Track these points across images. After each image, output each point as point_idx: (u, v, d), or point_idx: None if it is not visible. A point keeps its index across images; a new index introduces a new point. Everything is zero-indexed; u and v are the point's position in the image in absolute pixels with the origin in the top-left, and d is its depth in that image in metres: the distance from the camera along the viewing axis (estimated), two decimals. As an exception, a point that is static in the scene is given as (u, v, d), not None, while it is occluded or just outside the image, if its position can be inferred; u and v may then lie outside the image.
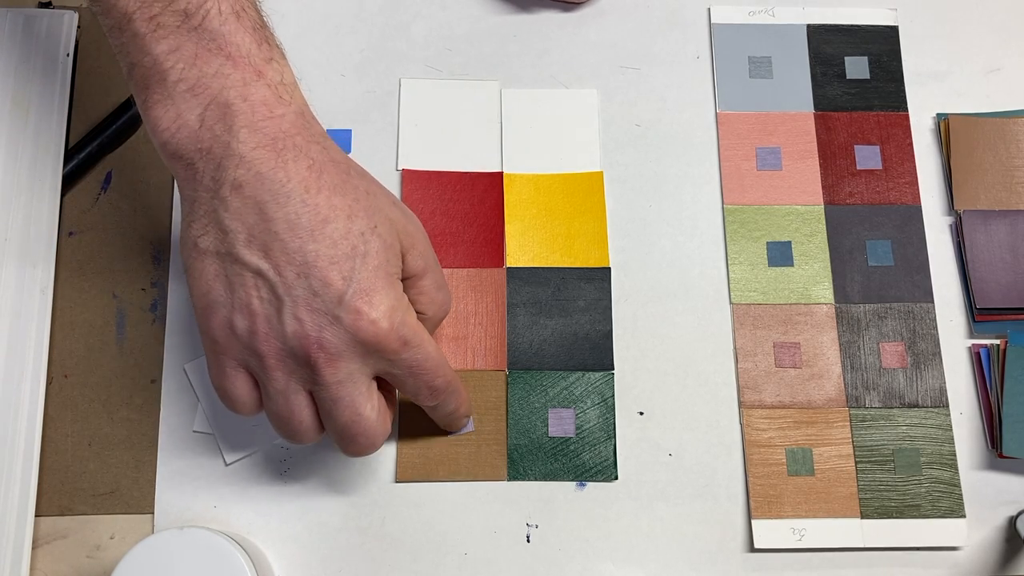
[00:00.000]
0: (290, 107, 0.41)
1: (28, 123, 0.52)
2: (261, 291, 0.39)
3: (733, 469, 0.49)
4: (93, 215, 0.52)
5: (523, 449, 0.49)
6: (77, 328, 0.50)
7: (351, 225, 0.40)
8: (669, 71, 0.56)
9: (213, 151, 0.39)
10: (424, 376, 0.42)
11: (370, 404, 0.41)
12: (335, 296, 0.39)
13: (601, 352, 0.51)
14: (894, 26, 0.57)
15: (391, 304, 0.40)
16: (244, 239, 0.39)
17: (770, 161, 0.54)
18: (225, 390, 0.41)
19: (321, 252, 0.39)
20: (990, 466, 0.49)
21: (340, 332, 0.39)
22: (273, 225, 0.39)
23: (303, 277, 0.39)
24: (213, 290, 0.40)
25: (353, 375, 0.40)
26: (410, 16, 0.57)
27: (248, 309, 0.39)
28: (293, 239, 0.39)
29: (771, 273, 0.52)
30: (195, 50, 0.39)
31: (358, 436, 0.41)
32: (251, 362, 0.40)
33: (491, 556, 0.48)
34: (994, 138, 0.54)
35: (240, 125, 0.39)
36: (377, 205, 0.41)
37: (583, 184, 0.54)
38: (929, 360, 0.51)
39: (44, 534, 0.47)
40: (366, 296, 0.39)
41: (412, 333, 0.40)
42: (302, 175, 0.39)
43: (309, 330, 0.39)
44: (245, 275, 0.39)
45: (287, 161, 0.39)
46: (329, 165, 0.40)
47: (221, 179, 0.39)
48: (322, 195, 0.39)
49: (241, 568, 0.41)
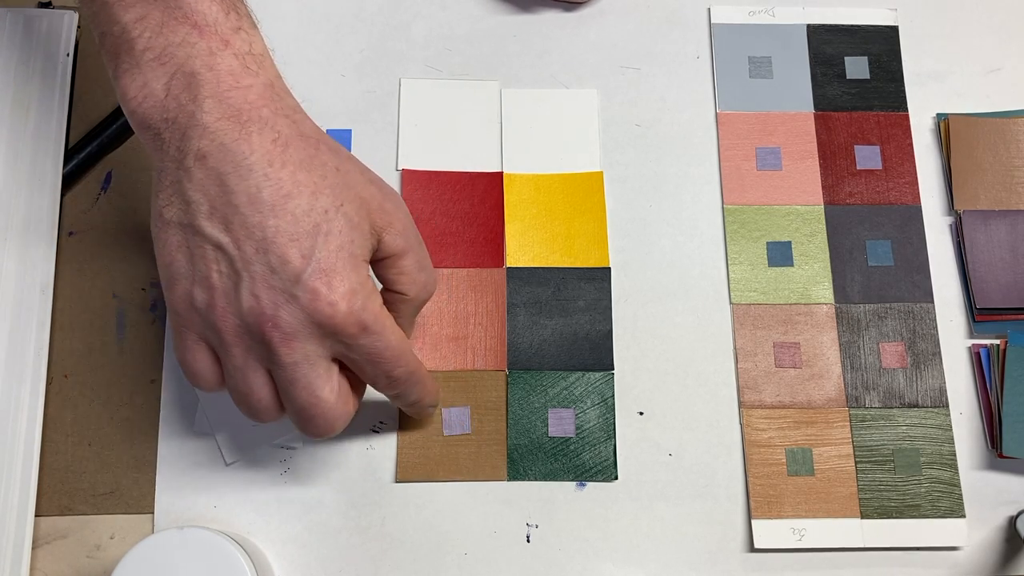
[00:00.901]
0: (258, 78, 0.40)
1: (28, 123, 0.52)
2: (220, 265, 0.38)
3: (733, 469, 0.49)
4: (93, 215, 0.52)
5: (523, 449, 0.49)
6: (77, 328, 0.50)
7: (315, 202, 0.39)
8: (669, 71, 0.56)
9: (178, 121, 0.38)
10: (383, 364, 0.40)
11: (328, 387, 0.40)
12: (293, 274, 0.38)
13: (601, 352, 0.51)
14: (894, 26, 0.57)
15: (351, 287, 0.38)
16: (206, 211, 0.38)
17: (770, 161, 0.54)
18: (186, 363, 0.40)
19: (281, 228, 0.38)
20: (990, 466, 0.49)
21: (296, 312, 0.38)
22: (234, 198, 0.38)
23: (262, 253, 0.38)
24: (175, 261, 0.39)
25: (309, 356, 0.39)
26: (410, 16, 0.57)
27: (207, 283, 0.38)
28: (253, 213, 0.38)
29: (771, 273, 0.52)
30: (162, 18, 0.39)
31: (315, 418, 0.40)
32: (211, 337, 0.39)
33: (491, 556, 0.48)
34: (994, 138, 0.54)
35: (205, 95, 0.38)
36: (347, 182, 0.40)
37: (583, 184, 0.54)
38: (929, 360, 0.51)
39: (44, 534, 0.47)
40: (325, 276, 0.38)
41: (372, 319, 0.39)
42: (266, 148, 0.38)
43: (265, 308, 0.38)
44: (206, 248, 0.38)
45: (251, 133, 0.38)
46: (296, 139, 0.39)
47: (185, 149, 0.38)
48: (286, 169, 0.38)
49: (241, 568, 0.41)
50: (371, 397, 0.49)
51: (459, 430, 0.49)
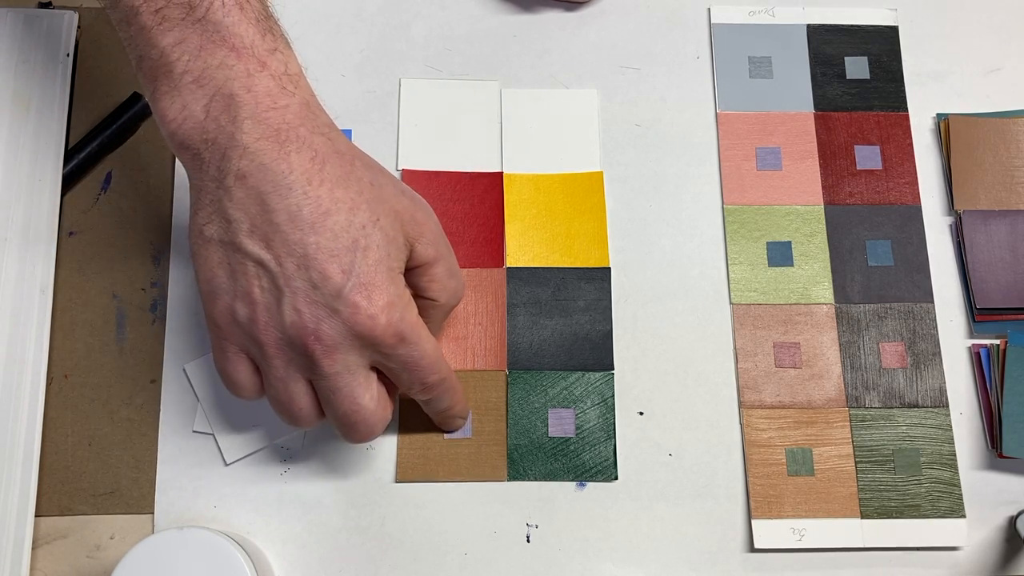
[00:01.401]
0: (294, 98, 0.41)
1: (28, 123, 0.52)
2: (262, 281, 0.39)
3: (733, 469, 0.49)
4: (93, 215, 0.52)
5: (523, 449, 0.49)
6: (77, 328, 0.50)
7: (353, 218, 0.40)
8: (669, 71, 0.56)
9: (218, 141, 0.39)
10: (418, 372, 0.42)
11: (368, 394, 0.41)
12: (334, 289, 0.39)
13: (601, 352, 0.51)
14: (894, 26, 0.57)
15: (389, 299, 0.40)
16: (247, 229, 0.39)
17: (770, 161, 0.54)
18: (227, 374, 0.42)
19: (321, 244, 0.39)
20: (990, 466, 0.49)
21: (337, 325, 0.39)
22: (274, 216, 0.39)
23: (303, 269, 0.39)
24: (216, 277, 0.40)
25: (350, 366, 0.40)
26: (410, 16, 0.57)
27: (249, 298, 0.40)
28: (294, 231, 0.39)
29: (771, 273, 0.52)
30: (199, 42, 0.40)
31: (357, 424, 0.42)
32: (252, 349, 0.41)
33: (491, 556, 0.48)
34: (994, 138, 0.54)
35: (244, 116, 0.39)
36: (382, 196, 0.41)
37: (583, 184, 0.54)
38: (929, 360, 0.51)
39: (44, 534, 0.47)
40: (365, 290, 0.39)
41: (410, 329, 0.41)
42: (304, 167, 0.39)
43: (307, 322, 0.39)
44: (247, 264, 0.39)
45: (290, 152, 0.39)
46: (333, 156, 0.40)
47: (225, 169, 0.39)
48: (324, 187, 0.39)
49: (241, 568, 0.41)
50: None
51: (461, 434, 0.49)
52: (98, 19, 0.55)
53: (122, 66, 0.55)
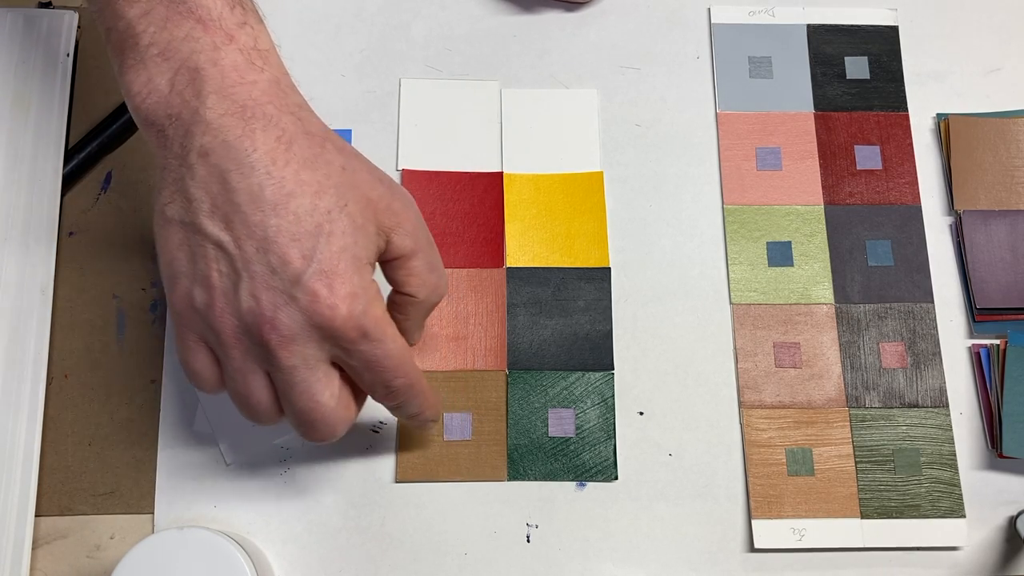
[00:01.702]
0: (263, 74, 0.39)
1: (28, 123, 0.52)
2: (220, 264, 0.37)
3: (733, 469, 0.49)
4: (93, 215, 0.52)
5: (523, 449, 0.49)
6: (77, 328, 0.50)
7: (318, 202, 0.38)
8: (669, 71, 0.56)
9: (182, 116, 0.38)
10: (381, 373, 0.39)
11: (328, 391, 0.39)
12: (293, 275, 0.37)
13: (601, 352, 0.51)
14: (894, 26, 0.57)
15: (352, 290, 0.37)
16: (208, 209, 0.37)
17: (770, 161, 0.54)
18: (187, 363, 0.40)
19: (283, 227, 0.37)
20: (990, 466, 0.49)
21: (295, 314, 0.37)
22: (236, 196, 0.37)
23: (262, 252, 0.37)
24: (176, 260, 0.38)
25: (308, 360, 0.38)
26: (410, 16, 0.57)
27: (207, 282, 0.38)
28: (255, 212, 0.37)
29: (771, 273, 0.52)
30: (166, 13, 0.38)
31: (316, 423, 0.39)
32: (210, 337, 0.39)
33: (491, 556, 0.48)
34: (994, 138, 0.54)
35: (209, 90, 0.38)
36: (353, 182, 0.39)
37: (583, 184, 0.54)
38: (929, 360, 0.51)
39: (44, 534, 0.47)
40: (326, 278, 0.37)
41: (373, 324, 0.38)
42: (270, 146, 0.37)
43: (264, 309, 0.37)
44: (206, 246, 0.37)
45: (255, 130, 0.37)
46: (301, 137, 0.38)
47: (188, 146, 0.37)
48: (289, 168, 0.37)
49: (241, 568, 0.41)
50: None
51: (459, 435, 0.49)
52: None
53: (122, 66, 0.55)
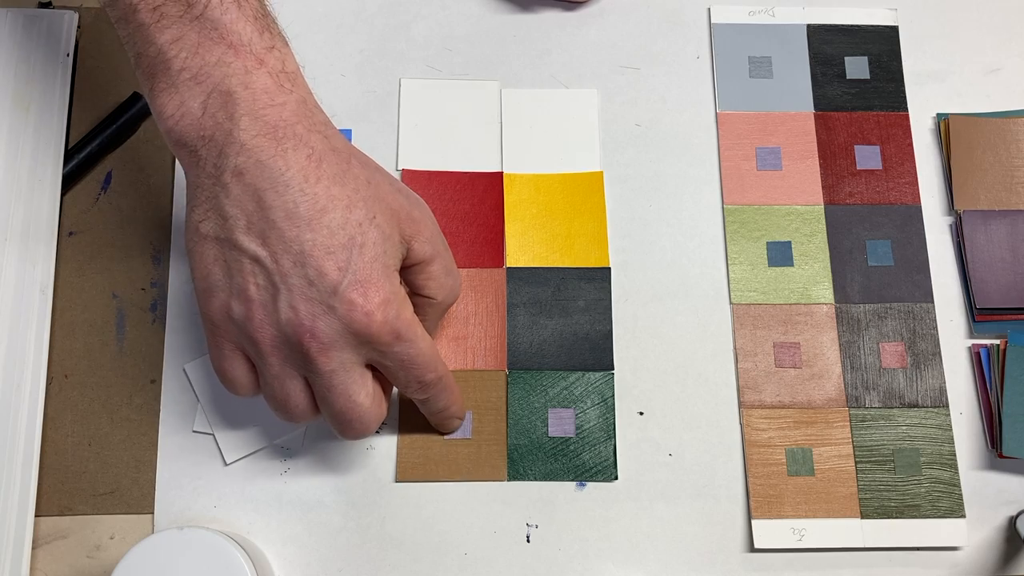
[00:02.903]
0: (291, 95, 0.41)
1: (28, 123, 0.52)
2: (258, 278, 0.39)
3: (733, 469, 0.49)
4: (93, 215, 0.52)
5: (523, 449, 0.49)
6: (77, 328, 0.50)
7: (349, 215, 0.40)
8: (669, 71, 0.56)
9: (215, 138, 0.39)
10: (415, 370, 0.42)
11: (364, 391, 0.41)
12: (330, 286, 0.39)
13: (601, 352, 0.51)
14: (894, 26, 0.57)
15: (385, 296, 0.40)
16: (243, 226, 0.39)
17: (770, 161, 0.54)
18: (223, 372, 0.42)
19: (318, 242, 0.39)
20: (990, 466, 0.49)
21: (333, 322, 0.39)
22: (271, 213, 0.39)
23: (299, 266, 0.39)
24: (212, 274, 0.40)
25: (346, 364, 0.40)
26: (410, 16, 0.57)
27: (245, 295, 0.40)
28: (290, 228, 0.39)
29: (771, 273, 0.52)
30: (197, 39, 0.40)
31: (353, 422, 0.42)
32: (247, 346, 0.41)
33: (491, 556, 0.48)
34: (994, 138, 0.54)
35: (241, 113, 0.39)
36: (378, 195, 0.41)
37: (583, 184, 0.54)
38: (929, 360, 0.51)
39: (44, 534, 0.47)
40: (361, 287, 0.39)
41: (406, 327, 0.41)
42: (301, 164, 0.39)
43: (303, 319, 0.39)
44: (243, 261, 0.39)
45: (287, 150, 0.39)
46: (330, 154, 0.40)
47: (222, 166, 0.39)
48: (321, 184, 0.40)
49: (241, 568, 0.41)
50: (371, 397, 0.49)
51: (460, 434, 0.49)
52: (98, 19, 0.55)
53: (122, 66, 0.55)
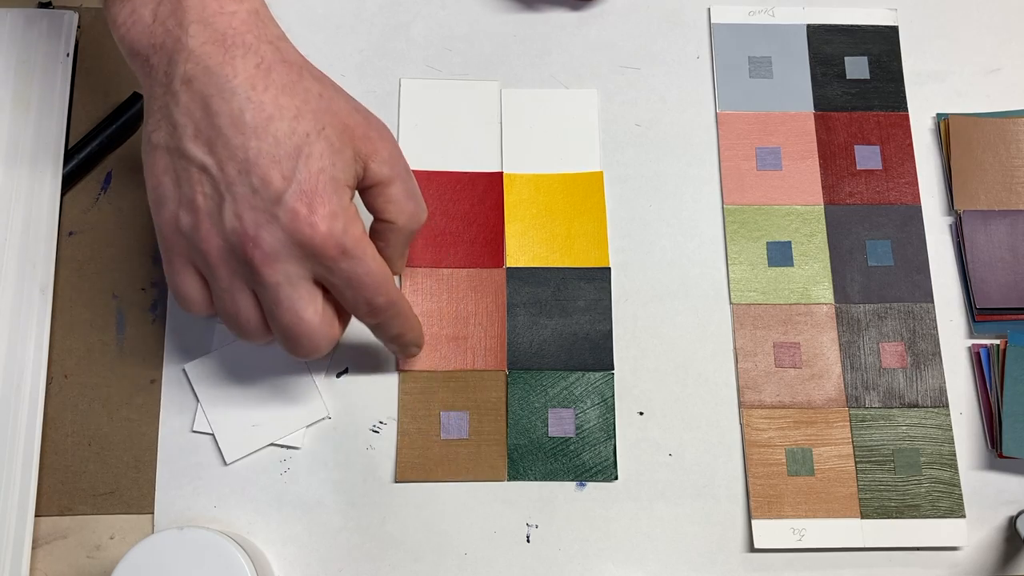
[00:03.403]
0: (242, 4, 0.41)
1: (28, 123, 0.52)
2: (204, 186, 0.39)
3: (733, 469, 0.49)
4: (93, 215, 0.52)
5: (523, 449, 0.49)
6: (77, 328, 0.50)
7: (296, 125, 0.39)
8: (669, 71, 0.56)
9: (165, 45, 0.40)
10: (363, 291, 0.41)
11: (312, 308, 0.41)
12: (274, 195, 0.39)
13: (601, 352, 0.51)
14: (894, 26, 0.57)
15: (332, 209, 0.39)
16: (191, 133, 0.39)
17: (770, 161, 0.54)
18: (176, 287, 0.42)
19: (263, 149, 0.39)
20: (990, 466, 0.49)
21: (277, 232, 0.39)
22: (217, 120, 0.39)
23: (244, 174, 0.39)
24: (162, 184, 0.40)
25: (291, 277, 0.40)
26: (410, 16, 0.57)
27: (192, 205, 0.39)
28: (236, 135, 0.39)
29: (771, 273, 0.52)
30: None
31: (300, 338, 0.41)
32: (197, 260, 0.41)
33: (491, 556, 0.48)
34: (994, 138, 0.54)
35: (191, 20, 0.39)
36: (330, 108, 0.41)
37: (583, 184, 0.54)
38: (929, 360, 0.51)
39: (44, 534, 0.47)
40: (306, 197, 0.39)
41: (353, 242, 0.40)
42: (249, 72, 0.39)
43: (247, 228, 0.39)
44: (191, 170, 0.39)
45: (235, 57, 0.39)
46: (279, 65, 0.40)
47: (172, 74, 0.39)
48: (268, 93, 0.39)
49: (241, 568, 0.41)
50: (371, 397, 0.49)
51: (457, 434, 0.49)
52: (98, 19, 0.55)
53: (122, 66, 0.54)
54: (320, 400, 0.49)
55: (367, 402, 0.49)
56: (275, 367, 0.49)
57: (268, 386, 0.49)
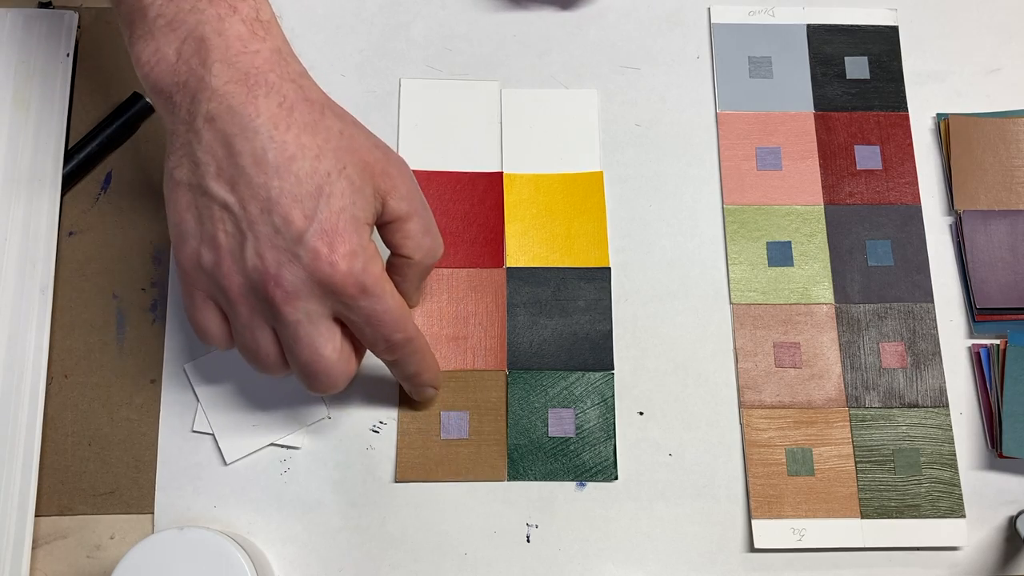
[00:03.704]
0: (265, 43, 0.41)
1: (28, 123, 0.52)
2: (227, 225, 0.40)
3: (733, 469, 0.49)
4: (93, 215, 0.52)
5: (523, 449, 0.49)
6: (77, 328, 0.50)
7: (318, 164, 0.40)
8: (669, 71, 0.56)
9: (189, 84, 0.40)
10: (381, 328, 0.41)
11: (331, 345, 0.41)
12: (295, 234, 0.39)
13: (601, 352, 0.51)
14: (894, 26, 0.57)
15: (352, 248, 0.40)
16: (214, 172, 0.39)
17: (770, 161, 0.54)
18: (196, 321, 0.42)
19: (285, 189, 0.39)
20: (990, 466, 0.49)
21: (298, 271, 0.39)
22: (240, 159, 0.39)
23: (266, 213, 0.39)
24: (184, 221, 0.40)
25: (311, 315, 0.40)
26: (410, 16, 0.57)
27: (214, 242, 0.40)
28: (258, 174, 0.39)
29: (771, 273, 0.52)
30: None
31: (319, 374, 0.42)
32: (218, 296, 0.41)
33: (491, 556, 0.48)
34: (994, 138, 0.54)
35: (214, 59, 0.40)
36: (351, 147, 0.41)
37: (583, 184, 0.54)
38: (929, 360, 0.51)
39: (44, 534, 0.47)
40: (327, 237, 0.39)
41: (372, 281, 0.40)
42: (272, 111, 0.39)
43: (268, 267, 0.39)
44: (213, 208, 0.40)
45: (258, 96, 0.39)
46: (302, 103, 0.41)
47: (195, 112, 0.39)
48: (291, 132, 0.40)
49: (241, 568, 0.41)
50: (371, 397, 0.49)
51: (456, 434, 0.49)
52: (98, 19, 0.55)
53: (122, 66, 0.55)
54: (320, 400, 0.49)
55: (367, 402, 0.49)
56: (275, 367, 0.49)
57: (268, 386, 0.49)
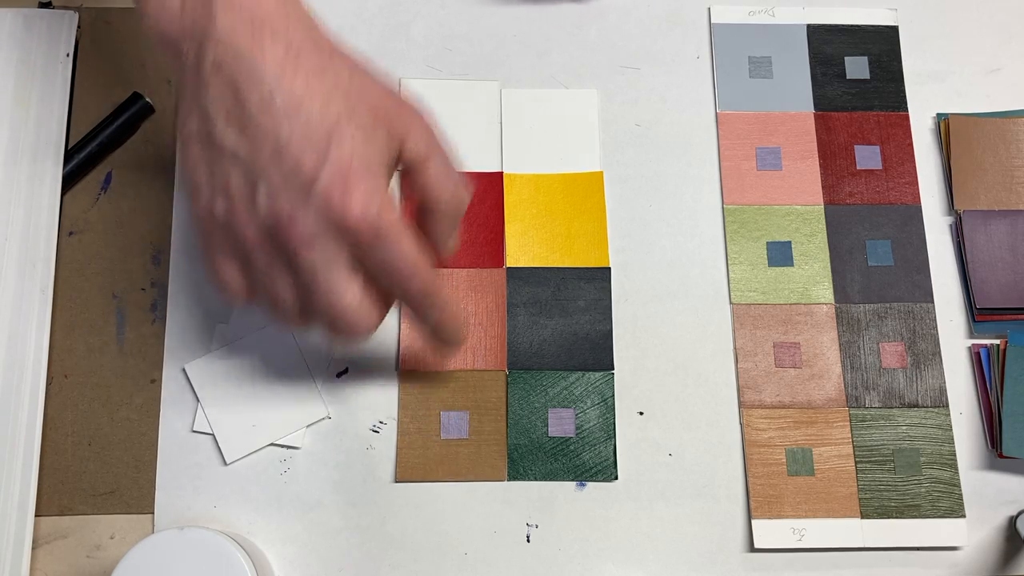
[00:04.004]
0: None
1: (28, 123, 0.52)
2: (237, 172, 0.39)
3: (733, 469, 0.49)
4: (93, 215, 0.52)
5: (523, 449, 0.49)
6: (77, 328, 0.50)
7: (327, 108, 0.39)
8: (669, 71, 0.56)
9: (194, 33, 0.39)
10: (397, 276, 0.40)
11: (350, 292, 0.40)
12: (307, 178, 0.38)
13: (601, 352, 0.51)
14: (894, 26, 0.57)
15: (365, 191, 0.39)
16: (223, 120, 0.39)
17: (770, 161, 0.54)
18: (215, 275, 0.42)
19: (295, 133, 0.38)
20: (990, 466, 0.49)
21: (312, 214, 0.38)
22: (248, 105, 0.38)
23: (276, 158, 0.38)
24: (197, 173, 0.40)
25: (329, 260, 0.39)
26: (410, 16, 0.57)
27: (226, 191, 0.39)
28: (267, 120, 0.38)
29: (771, 273, 0.52)
30: None
31: (338, 321, 0.41)
32: (234, 246, 0.40)
33: (491, 556, 0.48)
34: (994, 138, 0.54)
35: (219, 6, 0.39)
36: (362, 91, 0.41)
37: (583, 184, 0.54)
38: (929, 360, 0.51)
39: (44, 534, 0.47)
40: (339, 180, 0.38)
41: (387, 226, 0.39)
42: (278, 56, 0.39)
43: (282, 211, 0.38)
44: (223, 157, 0.39)
45: (264, 42, 0.39)
46: (309, 48, 0.40)
47: (202, 60, 0.39)
48: (299, 77, 0.39)
49: (241, 568, 0.41)
50: (371, 397, 0.49)
51: (456, 434, 0.49)
52: (98, 19, 0.55)
53: (122, 66, 0.55)
54: (320, 400, 0.49)
55: (367, 402, 0.49)
56: (275, 367, 0.49)
57: (268, 386, 0.49)
